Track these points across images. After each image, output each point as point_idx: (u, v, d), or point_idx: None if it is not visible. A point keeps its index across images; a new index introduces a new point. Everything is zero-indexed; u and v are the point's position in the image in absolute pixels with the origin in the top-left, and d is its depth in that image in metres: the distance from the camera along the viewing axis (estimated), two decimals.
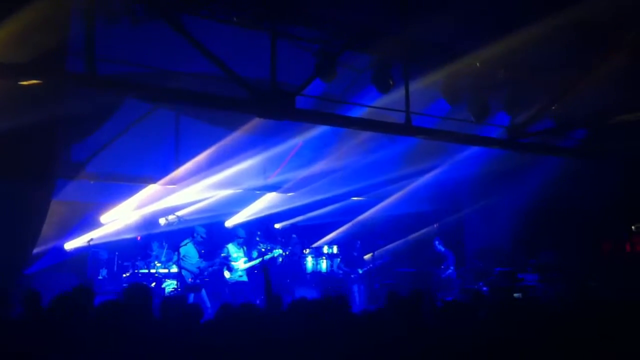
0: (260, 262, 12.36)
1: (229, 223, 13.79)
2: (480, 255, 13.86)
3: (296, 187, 13.26)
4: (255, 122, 10.53)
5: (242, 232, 12.83)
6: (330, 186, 13.33)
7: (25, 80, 6.44)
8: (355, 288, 13.45)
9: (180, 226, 12.45)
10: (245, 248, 12.70)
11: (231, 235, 12.98)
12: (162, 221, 12.42)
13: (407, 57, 9.50)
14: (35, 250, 9.34)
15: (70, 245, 11.63)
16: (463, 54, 9.63)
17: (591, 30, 8.61)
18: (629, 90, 9.74)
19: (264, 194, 13.48)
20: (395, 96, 9.74)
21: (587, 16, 7.94)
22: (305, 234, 14.65)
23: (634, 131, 10.66)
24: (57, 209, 10.38)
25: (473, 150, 12.41)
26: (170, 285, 11.85)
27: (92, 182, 10.87)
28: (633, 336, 5.45)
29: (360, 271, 13.62)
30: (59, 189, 9.79)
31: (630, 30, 8.67)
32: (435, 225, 14.65)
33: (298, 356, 5.05)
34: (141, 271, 12.04)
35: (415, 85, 9.74)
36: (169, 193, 12.10)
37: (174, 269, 11.90)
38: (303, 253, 13.94)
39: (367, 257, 13.95)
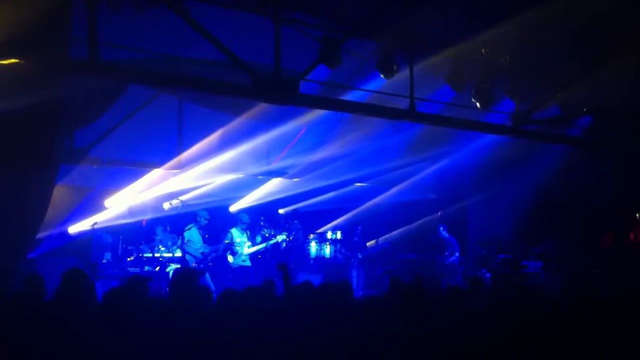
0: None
1: (233, 208, 13.81)
2: (483, 242, 13.86)
3: (300, 173, 13.27)
4: (259, 108, 10.51)
5: (245, 218, 12.82)
6: (334, 172, 13.33)
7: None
8: (354, 273, 13.46)
9: (184, 210, 12.49)
10: (248, 233, 12.71)
11: (235, 220, 13.00)
12: (166, 206, 12.46)
13: (411, 43, 9.45)
14: (39, 235, 9.37)
15: (74, 229, 11.67)
16: (469, 40, 9.56)
17: (596, 21, 8.55)
18: (634, 80, 9.68)
19: (267, 179, 13.48)
20: (400, 82, 9.71)
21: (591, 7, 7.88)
22: (308, 220, 14.67)
23: (637, 120, 10.62)
24: (61, 193, 10.42)
25: (477, 138, 12.37)
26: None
27: (95, 167, 10.89)
28: (636, 327, 5.46)
29: (360, 256, 13.62)
30: (63, 173, 9.81)
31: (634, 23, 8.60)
32: (439, 213, 14.63)
33: (300, 341, 5.08)
34: (145, 255, 12.11)
35: (420, 72, 9.70)
36: (173, 178, 12.11)
37: (178, 254, 11.95)
38: (306, 238, 13.97)
39: (369, 243, 13.97)
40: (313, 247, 13.76)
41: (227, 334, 4.97)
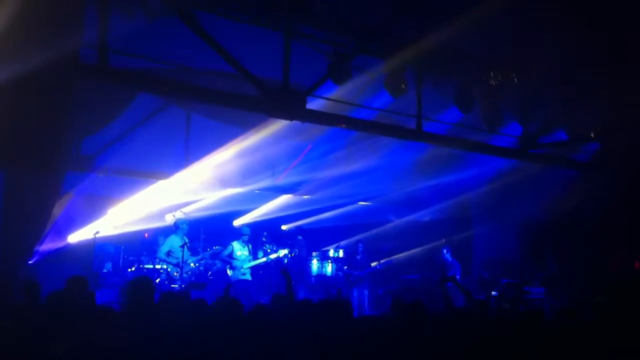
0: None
1: (237, 223, 13.77)
2: (487, 265, 13.76)
3: (306, 191, 13.24)
4: (266, 123, 10.49)
5: (246, 230, 12.69)
6: (338, 190, 13.29)
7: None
8: (355, 292, 13.29)
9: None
10: (250, 246, 12.57)
11: (237, 233, 12.90)
12: (168, 217, 12.43)
13: (420, 62, 9.45)
14: (41, 242, 9.34)
15: (76, 237, 11.63)
16: (478, 61, 9.57)
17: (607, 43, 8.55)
18: None
19: (271, 195, 13.45)
20: (408, 101, 9.70)
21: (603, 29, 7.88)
22: (311, 237, 14.61)
23: None
24: (65, 201, 10.40)
25: (484, 159, 12.33)
26: None
27: (100, 176, 10.87)
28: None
29: (361, 274, 13.43)
30: (68, 181, 9.79)
31: None
32: (442, 241, 14.45)
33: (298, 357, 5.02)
34: (146, 266, 12.06)
35: (428, 91, 9.69)
36: (177, 190, 12.08)
37: None
38: (309, 255, 13.89)
39: (373, 264, 13.86)
40: (315, 264, 13.70)
41: (221, 346, 4.92)
